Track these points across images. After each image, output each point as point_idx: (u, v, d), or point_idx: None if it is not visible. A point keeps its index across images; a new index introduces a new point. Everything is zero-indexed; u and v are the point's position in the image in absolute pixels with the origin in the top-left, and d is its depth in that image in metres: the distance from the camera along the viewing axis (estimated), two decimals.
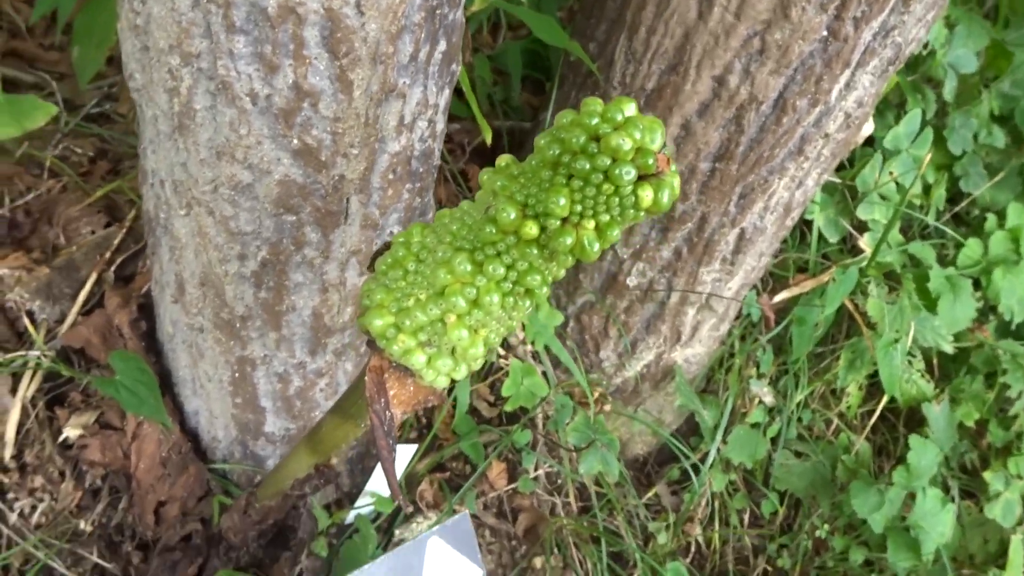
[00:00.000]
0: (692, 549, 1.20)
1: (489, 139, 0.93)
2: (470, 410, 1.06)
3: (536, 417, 1.06)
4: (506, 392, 0.99)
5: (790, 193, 0.94)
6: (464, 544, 0.71)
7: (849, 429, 1.31)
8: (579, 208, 0.37)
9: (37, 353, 0.90)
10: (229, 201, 0.65)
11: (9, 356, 0.89)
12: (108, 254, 0.96)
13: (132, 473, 0.89)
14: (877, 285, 1.22)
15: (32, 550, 0.85)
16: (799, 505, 1.27)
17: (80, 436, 0.89)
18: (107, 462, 0.89)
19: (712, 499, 1.20)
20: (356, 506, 0.95)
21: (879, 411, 1.29)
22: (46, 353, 0.90)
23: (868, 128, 1.23)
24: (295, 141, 0.60)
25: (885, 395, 1.23)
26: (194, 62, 0.56)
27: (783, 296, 1.22)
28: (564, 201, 0.37)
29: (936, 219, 1.38)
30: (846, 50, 0.79)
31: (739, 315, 1.19)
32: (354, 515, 0.94)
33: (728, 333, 1.19)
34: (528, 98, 1.32)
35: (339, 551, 0.91)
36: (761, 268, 1.06)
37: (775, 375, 1.26)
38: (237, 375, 0.81)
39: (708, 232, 0.96)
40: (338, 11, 0.53)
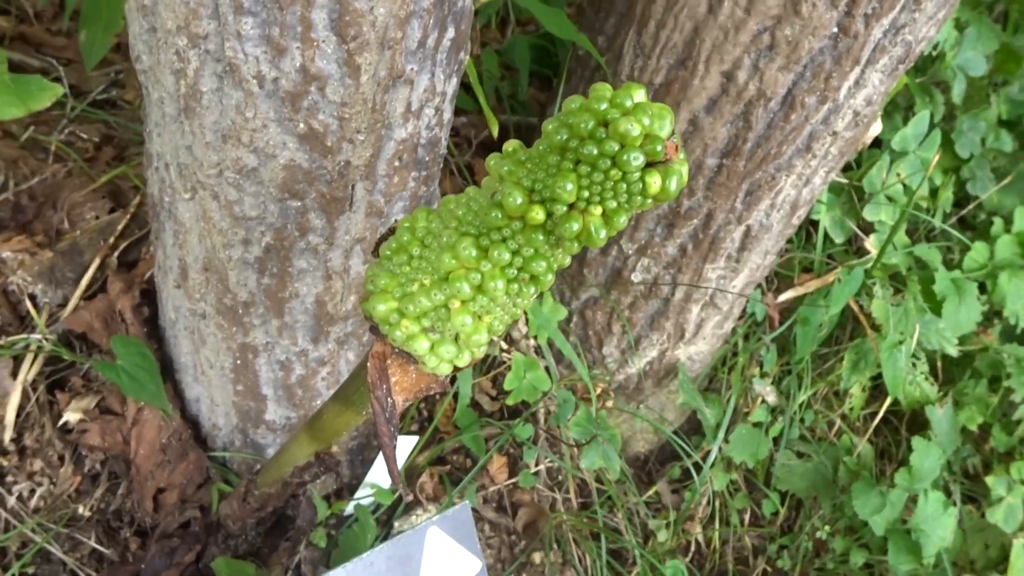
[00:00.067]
0: (692, 548, 1.20)
1: (496, 132, 0.93)
2: (472, 403, 1.05)
3: (538, 412, 1.05)
4: (508, 386, 0.98)
5: (797, 191, 0.93)
6: (464, 535, 0.70)
7: (852, 430, 1.30)
8: (586, 194, 0.37)
9: (39, 337, 0.90)
10: (234, 185, 0.64)
11: (11, 339, 0.89)
12: (112, 239, 0.96)
13: (132, 459, 0.89)
14: (882, 287, 1.22)
15: (30, 534, 0.85)
16: (800, 506, 1.27)
17: (80, 420, 0.89)
18: (107, 447, 0.89)
19: (713, 498, 1.20)
20: (356, 497, 0.95)
21: (882, 413, 1.28)
22: (48, 337, 0.90)
23: (876, 129, 1.23)
24: (301, 125, 0.60)
25: (888, 397, 1.23)
26: (201, 44, 0.56)
27: (788, 296, 1.22)
28: (571, 186, 0.37)
29: (943, 222, 1.38)
30: (856, 47, 0.78)
31: (743, 314, 1.19)
32: (353, 506, 0.94)
33: (732, 332, 1.19)
34: (535, 94, 1.32)
35: (338, 541, 0.91)
36: (766, 267, 1.06)
37: (778, 375, 1.25)
38: (239, 362, 0.81)
39: (714, 229, 0.95)
40: None
